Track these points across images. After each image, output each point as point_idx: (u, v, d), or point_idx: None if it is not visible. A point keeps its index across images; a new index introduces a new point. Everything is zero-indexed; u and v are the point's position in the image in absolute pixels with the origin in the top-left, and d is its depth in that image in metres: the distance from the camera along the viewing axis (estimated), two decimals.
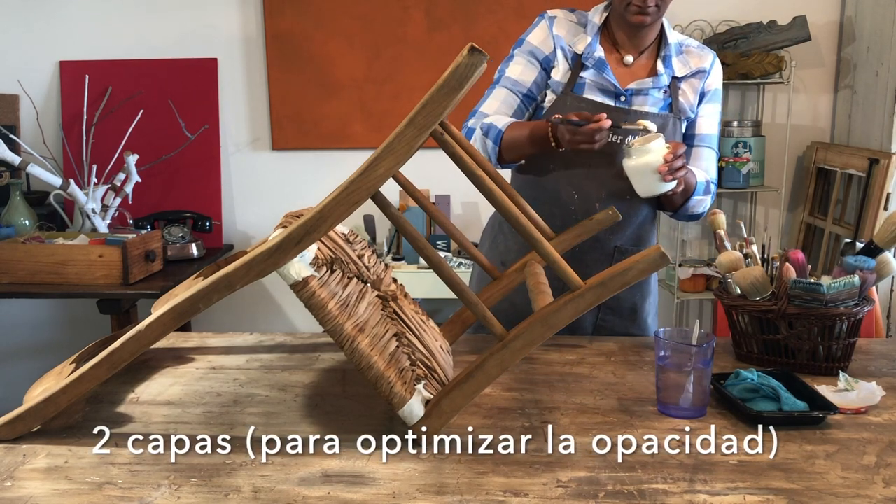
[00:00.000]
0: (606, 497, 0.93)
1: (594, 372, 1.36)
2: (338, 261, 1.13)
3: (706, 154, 1.65)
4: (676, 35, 1.68)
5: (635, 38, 1.61)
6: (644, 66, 1.64)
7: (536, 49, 1.64)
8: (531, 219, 1.35)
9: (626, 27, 1.60)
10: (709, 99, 1.66)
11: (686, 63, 1.64)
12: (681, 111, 1.63)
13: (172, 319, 1.05)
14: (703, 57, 1.66)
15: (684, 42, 1.67)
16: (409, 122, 1.01)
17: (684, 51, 1.66)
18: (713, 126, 1.66)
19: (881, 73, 2.72)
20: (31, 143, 2.94)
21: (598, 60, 1.60)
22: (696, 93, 1.64)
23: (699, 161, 1.65)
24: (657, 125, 1.56)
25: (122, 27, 3.06)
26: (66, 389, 1.08)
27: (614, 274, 1.02)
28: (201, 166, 3.10)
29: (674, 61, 1.63)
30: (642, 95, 1.60)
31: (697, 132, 1.65)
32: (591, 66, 1.60)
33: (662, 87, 1.61)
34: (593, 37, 1.62)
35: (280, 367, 1.40)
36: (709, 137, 1.66)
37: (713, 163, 1.66)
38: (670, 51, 1.63)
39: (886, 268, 1.36)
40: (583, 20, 1.66)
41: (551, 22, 1.66)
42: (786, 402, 1.14)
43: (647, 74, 1.63)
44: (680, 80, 1.63)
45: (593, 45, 1.61)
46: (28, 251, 2.42)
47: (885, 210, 2.61)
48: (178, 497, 0.95)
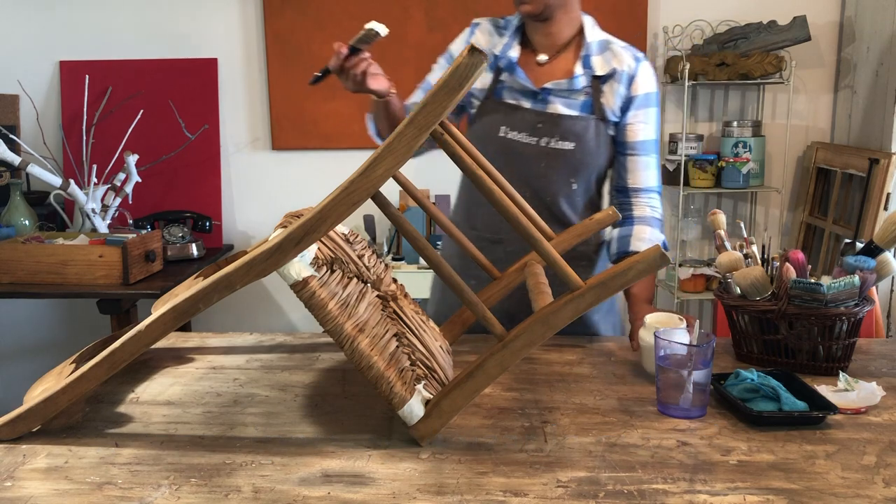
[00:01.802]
0: (606, 497, 0.94)
1: (594, 372, 1.36)
2: (338, 261, 1.13)
3: (643, 163, 1.62)
4: (600, 34, 1.63)
5: (544, 35, 1.60)
6: (563, 66, 1.61)
7: (453, 55, 1.66)
8: (531, 219, 1.35)
9: (533, 25, 1.60)
10: (639, 105, 1.60)
11: (608, 62, 1.59)
12: (602, 112, 1.59)
13: (172, 319, 1.05)
14: (627, 58, 1.60)
15: (610, 41, 1.63)
16: (410, 121, 1.01)
17: (609, 48, 1.61)
18: (649, 132, 1.62)
19: (881, 73, 2.72)
20: (31, 143, 2.94)
21: (509, 62, 1.59)
22: (619, 97, 1.59)
23: (636, 172, 1.61)
24: (578, 127, 1.56)
25: (122, 27, 3.06)
26: (66, 389, 1.08)
27: (614, 274, 1.02)
28: (201, 166, 3.10)
29: (594, 60, 1.59)
30: (559, 95, 1.58)
31: (631, 140, 1.61)
32: (503, 66, 1.60)
33: (581, 88, 1.58)
34: (510, 38, 1.62)
35: (280, 367, 1.40)
36: (644, 145, 1.62)
37: (653, 170, 1.63)
38: (590, 50, 1.59)
39: (886, 268, 1.36)
40: (506, 25, 1.66)
41: (473, 29, 1.67)
42: (786, 402, 1.14)
43: (565, 74, 1.60)
44: (602, 81, 1.59)
45: (509, 45, 1.61)
46: (28, 251, 2.42)
47: (885, 210, 2.61)
48: (178, 497, 0.95)
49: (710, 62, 2.85)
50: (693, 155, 2.95)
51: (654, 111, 1.63)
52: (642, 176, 1.62)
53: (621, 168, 1.64)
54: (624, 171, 1.63)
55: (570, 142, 1.58)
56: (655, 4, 3.00)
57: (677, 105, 3.05)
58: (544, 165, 1.59)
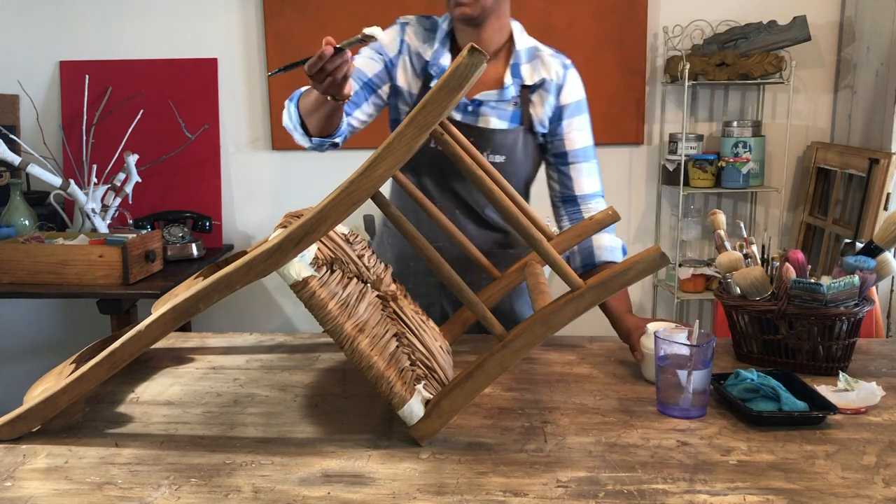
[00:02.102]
0: (606, 497, 0.94)
1: (594, 372, 1.36)
2: (338, 261, 1.13)
3: (585, 169, 1.61)
4: (529, 40, 1.60)
5: (475, 41, 1.53)
6: (493, 75, 1.58)
7: (382, 48, 1.60)
8: (531, 219, 1.35)
9: (464, 30, 1.55)
10: (571, 114, 1.59)
11: (537, 71, 1.57)
12: (531, 123, 1.58)
13: (172, 319, 1.05)
14: (556, 66, 1.58)
15: (538, 48, 1.60)
16: (410, 121, 1.01)
17: (538, 56, 1.59)
18: (586, 139, 1.61)
19: (881, 73, 2.72)
20: (31, 143, 2.94)
21: (442, 69, 1.55)
22: (548, 106, 1.58)
23: (580, 179, 1.60)
24: (508, 140, 1.54)
25: (122, 27, 3.06)
26: (66, 389, 1.08)
27: (614, 274, 1.02)
28: (201, 166, 3.09)
29: (523, 69, 1.57)
30: (489, 107, 1.56)
31: (570, 149, 1.60)
32: (435, 74, 1.56)
33: (511, 98, 1.56)
34: (440, 44, 1.57)
35: (280, 367, 1.40)
36: (584, 152, 1.61)
37: (595, 175, 1.63)
38: (519, 58, 1.56)
39: (886, 268, 1.36)
40: (435, 27, 1.61)
41: (403, 28, 1.61)
42: (786, 402, 1.14)
43: (496, 84, 1.57)
44: (531, 91, 1.57)
45: (439, 53, 1.56)
46: (28, 251, 2.42)
47: (885, 210, 2.61)
48: (178, 497, 0.95)
49: (710, 62, 2.85)
50: (693, 155, 2.95)
51: (587, 117, 1.62)
52: (586, 183, 1.61)
53: (564, 178, 1.62)
54: (568, 180, 1.61)
55: (501, 155, 1.57)
56: (655, 4, 2.99)
57: (677, 105, 3.05)
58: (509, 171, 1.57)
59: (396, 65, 1.60)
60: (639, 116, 3.04)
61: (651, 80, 3.06)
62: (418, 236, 1.12)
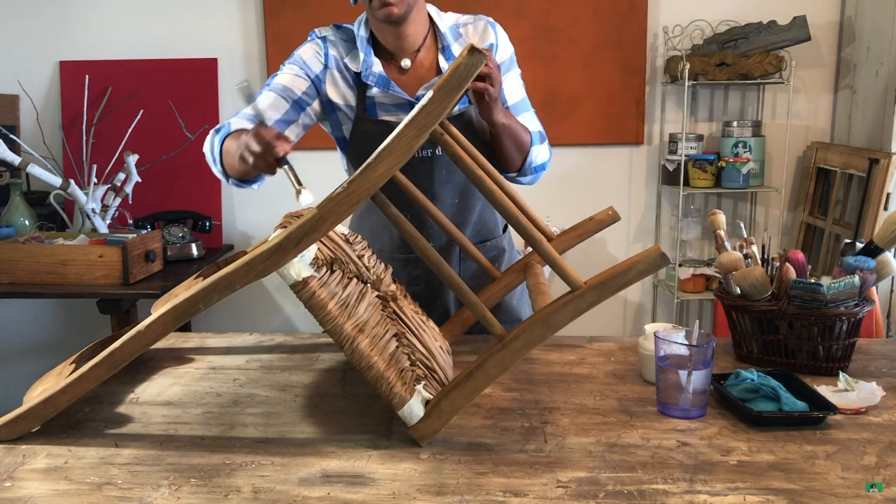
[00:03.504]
0: (606, 497, 0.93)
1: (594, 372, 1.36)
2: (338, 261, 1.13)
3: (526, 118, 1.57)
4: (448, 18, 1.57)
5: (401, 38, 1.50)
6: (429, 66, 1.54)
7: (306, 65, 1.53)
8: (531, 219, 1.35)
9: (386, 30, 1.49)
10: (505, 70, 1.56)
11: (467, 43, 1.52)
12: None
13: (172, 319, 1.05)
14: (481, 29, 1.55)
15: (458, 22, 1.56)
16: (410, 122, 1.01)
17: (461, 31, 1.56)
18: (519, 91, 1.59)
19: (881, 73, 2.72)
20: (31, 143, 2.94)
21: (379, 77, 1.50)
22: None
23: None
24: (462, 121, 1.49)
25: (122, 27, 3.06)
26: (66, 389, 1.08)
27: (615, 274, 1.02)
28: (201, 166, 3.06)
29: (454, 48, 1.53)
30: None
31: (511, 104, 1.57)
32: (373, 83, 1.50)
33: None
34: (365, 51, 1.51)
35: (280, 367, 1.40)
36: (520, 104, 1.58)
37: (536, 121, 1.60)
38: (446, 40, 1.53)
39: (886, 268, 1.36)
40: (352, 36, 1.55)
41: (324, 42, 1.55)
42: (786, 402, 1.14)
43: (434, 74, 1.53)
44: None
45: (369, 60, 1.51)
46: (28, 251, 2.42)
47: (885, 210, 2.61)
48: (178, 497, 0.95)
49: (710, 62, 2.85)
50: (693, 155, 2.95)
51: (517, 70, 1.60)
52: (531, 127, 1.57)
53: None
54: None
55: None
56: (655, 4, 2.99)
57: (677, 105, 3.05)
58: (445, 172, 1.54)
59: (324, 80, 1.54)
60: (639, 116, 3.04)
61: (651, 80, 3.06)
62: (418, 236, 1.12)
